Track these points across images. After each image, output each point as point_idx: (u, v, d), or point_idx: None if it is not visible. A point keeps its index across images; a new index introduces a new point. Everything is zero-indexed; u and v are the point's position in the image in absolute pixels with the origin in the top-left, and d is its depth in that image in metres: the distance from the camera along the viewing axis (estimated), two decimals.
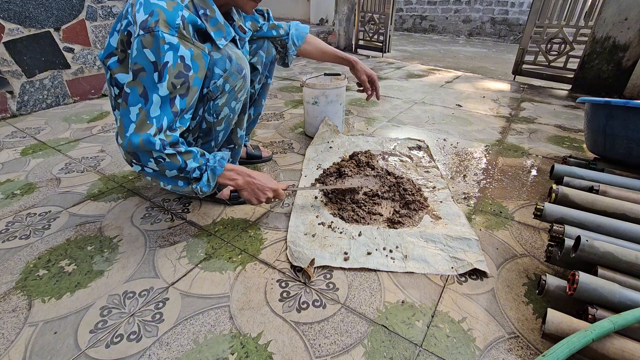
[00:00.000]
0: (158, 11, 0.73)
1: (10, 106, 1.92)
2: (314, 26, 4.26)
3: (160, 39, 0.73)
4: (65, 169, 1.38)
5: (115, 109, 0.95)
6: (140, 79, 0.75)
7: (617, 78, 2.56)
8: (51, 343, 0.71)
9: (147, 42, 0.73)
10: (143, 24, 0.73)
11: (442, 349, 0.71)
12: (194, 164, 0.84)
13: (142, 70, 0.75)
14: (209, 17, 0.84)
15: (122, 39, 0.83)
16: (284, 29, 1.22)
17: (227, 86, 0.92)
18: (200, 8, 0.82)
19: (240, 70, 0.93)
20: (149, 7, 0.73)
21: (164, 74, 0.75)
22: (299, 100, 2.34)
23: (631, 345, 0.61)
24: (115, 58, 0.87)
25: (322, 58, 1.33)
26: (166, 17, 0.74)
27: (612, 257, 0.74)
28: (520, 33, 6.19)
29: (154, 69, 0.75)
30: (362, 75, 1.34)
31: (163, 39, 0.73)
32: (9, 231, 1.03)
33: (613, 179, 1.13)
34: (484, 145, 1.69)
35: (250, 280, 0.87)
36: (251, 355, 0.69)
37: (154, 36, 0.72)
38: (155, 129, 0.77)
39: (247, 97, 1.07)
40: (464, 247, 0.97)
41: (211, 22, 0.85)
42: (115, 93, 0.91)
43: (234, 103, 0.98)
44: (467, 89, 2.76)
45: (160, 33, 0.72)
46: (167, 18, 0.74)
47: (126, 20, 0.81)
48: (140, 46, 0.73)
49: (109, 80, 0.91)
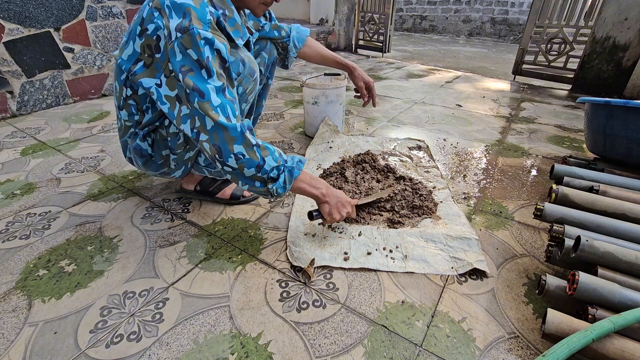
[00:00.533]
0: (188, 10, 0.74)
1: (10, 106, 1.92)
2: (314, 26, 4.26)
3: (196, 35, 0.73)
4: (65, 169, 1.38)
5: (122, 109, 0.93)
6: (190, 77, 0.75)
7: (617, 78, 2.57)
8: (51, 343, 0.71)
9: (187, 42, 0.73)
10: (178, 26, 0.73)
11: (442, 349, 0.71)
12: (272, 162, 0.82)
13: (190, 71, 0.75)
14: (228, 17, 0.84)
15: (148, 44, 0.81)
16: (285, 30, 1.23)
17: (239, 89, 0.92)
18: (220, 8, 0.82)
19: (252, 74, 0.94)
20: (179, 9, 0.74)
21: (211, 69, 0.76)
22: (299, 100, 2.34)
23: (631, 345, 0.61)
24: (141, 63, 0.84)
25: (322, 62, 1.34)
26: (197, 14, 0.74)
27: (612, 257, 0.74)
28: (520, 33, 6.19)
29: (199, 67, 0.75)
30: (360, 82, 1.35)
31: (199, 34, 0.74)
32: (9, 231, 1.03)
33: (613, 179, 1.13)
34: (484, 145, 1.69)
35: (250, 280, 0.87)
36: (251, 355, 0.69)
37: (190, 34, 0.73)
38: (223, 117, 0.76)
39: (255, 99, 1.08)
40: (464, 247, 0.97)
41: (230, 22, 0.85)
42: (127, 94, 0.90)
43: (243, 105, 0.99)
44: (467, 89, 2.76)
45: (195, 30, 0.73)
46: (199, 15, 0.74)
47: (153, 25, 0.78)
48: (182, 48, 0.74)
49: (123, 81, 0.89)
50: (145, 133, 0.95)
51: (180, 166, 1.02)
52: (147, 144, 0.96)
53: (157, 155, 0.97)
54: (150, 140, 0.96)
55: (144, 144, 0.96)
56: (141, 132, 0.95)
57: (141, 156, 0.98)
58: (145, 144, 0.96)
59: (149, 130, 0.95)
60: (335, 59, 1.33)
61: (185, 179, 1.18)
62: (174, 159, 0.98)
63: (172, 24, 0.74)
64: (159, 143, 0.95)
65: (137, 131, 0.96)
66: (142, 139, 0.95)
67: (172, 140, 0.94)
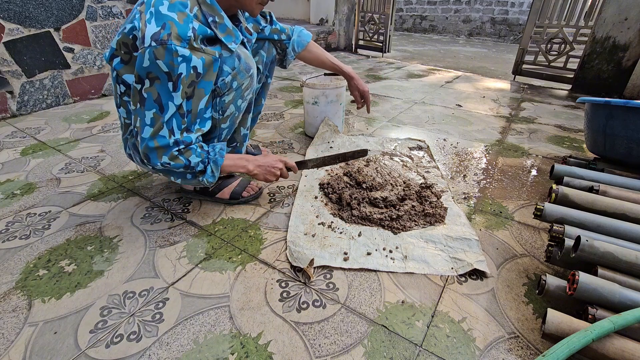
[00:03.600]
0: (170, 24, 0.74)
1: (10, 106, 1.92)
2: (314, 26, 4.26)
3: (173, 52, 0.75)
4: (65, 169, 1.38)
5: (120, 106, 0.96)
6: (156, 86, 0.79)
7: (617, 78, 2.56)
8: (51, 343, 0.71)
9: (160, 54, 0.74)
10: (155, 35, 0.74)
11: (442, 349, 0.71)
12: (196, 159, 0.89)
13: (157, 79, 0.78)
14: (218, 24, 0.85)
15: (124, 41, 0.84)
16: (286, 33, 1.23)
17: (234, 84, 0.93)
18: (209, 15, 0.83)
19: (248, 69, 0.95)
20: (160, 19, 0.74)
21: (178, 84, 0.79)
22: (299, 100, 2.34)
23: (631, 345, 0.61)
24: (118, 59, 0.87)
25: (321, 67, 1.37)
26: (178, 30, 0.75)
27: (612, 257, 0.74)
28: (520, 33, 6.19)
29: (167, 79, 0.77)
30: (355, 92, 1.39)
31: (176, 51, 0.75)
32: (9, 231, 1.03)
33: (613, 179, 1.13)
34: (484, 145, 1.69)
35: (250, 280, 0.87)
36: (251, 355, 0.69)
37: (167, 49, 0.74)
38: (167, 132, 0.83)
39: (253, 97, 1.09)
40: (464, 248, 0.97)
41: (220, 29, 0.86)
42: (121, 90, 0.92)
43: (240, 101, 0.99)
44: (467, 89, 2.76)
45: (173, 46, 0.74)
46: (179, 31, 0.75)
47: (131, 24, 0.81)
48: (152, 57, 0.75)
49: (115, 78, 0.91)
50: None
51: None
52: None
53: None
54: None
55: None
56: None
57: (138, 152, 0.98)
58: None
59: None
60: (334, 65, 1.35)
61: None
62: None
63: (148, 30, 0.75)
64: None
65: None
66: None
67: None
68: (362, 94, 1.39)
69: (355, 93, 1.39)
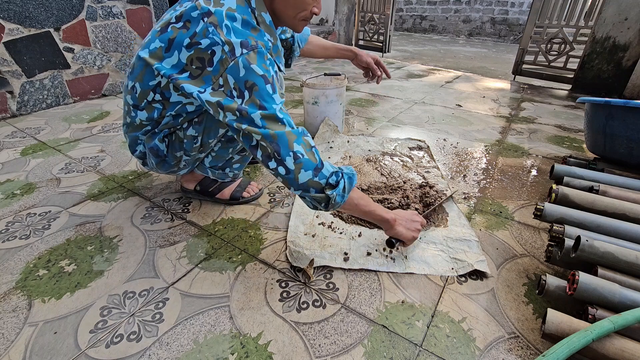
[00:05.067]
0: (250, 38, 0.77)
1: (10, 106, 1.92)
2: (314, 26, 4.26)
3: (264, 55, 0.77)
4: (65, 169, 1.38)
5: (143, 109, 0.91)
6: (255, 94, 0.75)
7: (617, 78, 2.56)
8: (51, 343, 0.71)
9: (252, 59, 0.75)
10: (244, 44, 0.75)
11: (442, 349, 0.71)
12: (330, 168, 0.79)
13: (255, 85, 0.75)
14: (273, 45, 0.87)
15: (199, 57, 0.79)
16: (289, 31, 1.24)
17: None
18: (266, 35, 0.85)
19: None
20: (241, 34, 0.76)
21: (275, 86, 0.78)
22: (299, 100, 2.34)
23: (631, 345, 0.61)
24: (187, 74, 0.82)
25: (325, 54, 1.37)
26: (260, 38, 0.79)
27: (612, 257, 0.74)
28: (520, 33, 6.19)
29: (265, 82, 0.76)
30: (367, 59, 1.31)
31: (266, 54, 0.77)
32: (9, 231, 1.03)
33: (613, 179, 1.13)
34: (484, 145, 1.69)
35: (250, 280, 0.87)
36: (251, 355, 0.69)
37: (258, 52, 0.76)
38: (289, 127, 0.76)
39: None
40: (464, 248, 0.97)
41: (274, 49, 0.88)
42: (155, 98, 0.88)
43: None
44: (467, 89, 2.76)
45: (263, 50, 0.77)
46: (263, 39, 0.79)
47: (208, 40, 0.76)
48: (247, 63, 0.74)
49: (153, 86, 0.87)
50: (165, 134, 0.96)
51: (188, 166, 1.04)
52: (164, 145, 0.97)
53: (171, 156, 0.98)
54: (167, 141, 0.97)
55: (161, 145, 0.96)
56: (161, 133, 0.96)
57: (157, 156, 0.98)
58: (163, 144, 0.97)
59: (169, 132, 0.96)
60: (336, 48, 1.35)
61: (186, 177, 1.18)
62: (185, 159, 0.99)
63: (234, 40, 0.75)
64: (175, 144, 0.96)
65: (156, 131, 0.96)
66: (160, 140, 0.96)
67: (188, 142, 0.94)
68: (375, 60, 1.33)
69: (369, 60, 1.31)
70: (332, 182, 0.77)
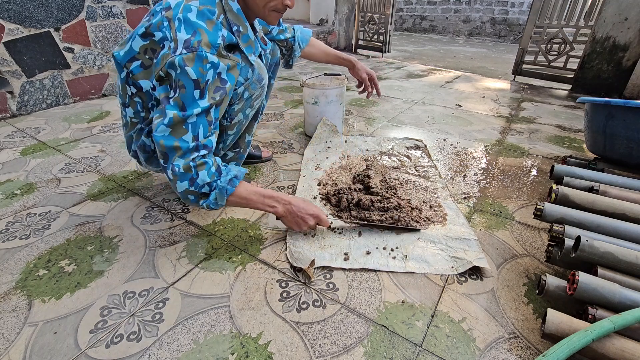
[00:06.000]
0: (200, 31, 0.75)
1: (10, 106, 1.92)
2: (314, 26, 4.26)
3: (203, 59, 0.75)
4: (65, 169, 1.38)
5: (128, 106, 0.95)
6: (181, 95, 0.77)
7: (617, 78, 2.56)
8: (51, 343, 0.71)
9: (189, 61, 0.74)
10: (186, 43, 0.74)
11: (442, 349, 0.71)
12: (206, 177, 0.81)
13: (183, 87, 0.76)
14: (242, 34, 0.85)
15: (151, 47, 0.84)
16: (289, 32, 1.25)
17: (245, 94, 0.93)
18: (234, 24, 0.83)
19: (260, 80, 0.95)
20: (191, 27, 0.75)
21: (205, 91, 0.78)
22: (299, 100, 2.34)
23: (631, 345, 0.61)
24: (138, 62, 0.87)
25: (324, 59, 1.37)
26: (209, 37, 0.76)
27: (612, 257, 0.74)
28: (520, 33, 6.19)
29: (194, 86, 0.76)
30: (363, 74, 1.37)
31: (206, 58, 0.75)
32: (9, 231, 1.03)
33: (613, 179, 1.13)
34: (484, 145, 1.69)
35: (250, 280, 0.87)
36: (251, 355, 0.69)
37: (197, 55, 0.74)
38: (191, 136, 0.79)
39: (261, 105, 1.09)
40: (463, 247, 0.97)
41: (243, 39, 0.86)
42: (132, 92, 0.91)
43: (248, 110, 0.99)
44: (467, 89, 2.76)
45: (203, 53, 0.75)
46: (210, 39, 0.76)
47: (161, 33, 0.80)
48: (182, 64, 0.74)
49: (124, 78, 0.90)
50: (150, 129, 0.96)
51: None
52: (150, 140, 0.97)
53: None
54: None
55: (147, 140, 0.97)
56: (147, 128, 0.96)
57: (144, 152, 0.99)
58: (149, 139, 0.97)
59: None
60: (336, 55, 1.37)
61: None
62: None
63: (180, 36, 0.75)
64: None
65: (143, 127, 0.97)
66: (146, 135, 0.97)
67: None
68: (369, 76, 1.37)
69: (363, 75, 1.36)
70: (205, 191, 0.83)
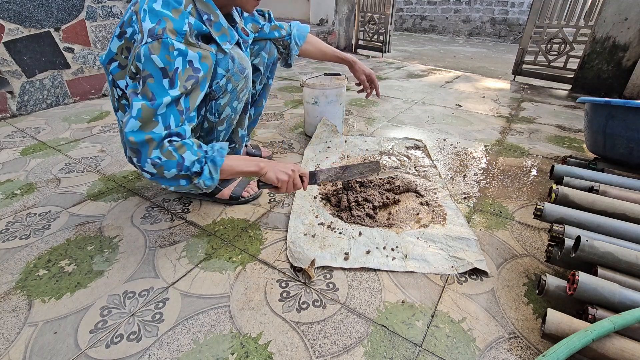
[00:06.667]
0: (165, 19, 0.73)
1: (10, 106, 1.92)
2: (314, 26, 4.26)
3: (169, 46, 0.73)
4: (65, 169, 1.38)
5: (118, 110, 0.95)
6: (148, 85, 0.74)
7: (617, 78, 2.56)
8: (51, 343, 0.71)
9: (155, 49, 0.73)
10: (151, 31, 0.73)
11: (442, 349, 0.71)
12: (192, 156, 0.79)
13: (150, 77, 0.74)
14: (213, 22, 0.84)
15: (126, 46, 0.84)
16: (285, 29, 1.23)
17: (229, 86, 0.92)
18: (204, 13, 0.82)
19: (242, 70, 0.94)
20: (155, 16, 0.74)
21: (175, 80, 0.75)
22: (299, 100, 2.34)
23: (631, 345, 0.61)
24: (116, 63, 0.87)
25: (322, 58, 1.36)
26: (173, 24, 0.74)
27: (612, 257, 0.74)
28: (520, 33, 6.19)
29: (162, 75, 0.74)
30: (361, 75, 1.36)
31: (172, 45, 0.73)
32: (9, 231, 1.03)
33: (613, 179, 1.13)
34: (484, 145, 1.69)
35: (250, 280, 0.87)
36: (251, 355, 0.69)
37: (162, 43, 0.73)
38: (162, 127, 0.75)
39: (249, 97, 1.08)
40: (463, 247, 0.97)
41: (215, 27, 0.85)
42: (118, 94, 0.92)
43: (235, 103, 0.98)
44: (467, 89, 2.76)
45: (169, 40, 0.73)
46: (175, 25, 0.74)
47: (131, 28, 0.80)
48: (148, 53, 0.73)
49: (111, 82, 0.91)
50: None
51: None
52: None
53: None
54: None
55: None
56: None
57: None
58: None
59: None
60: (335, 54, 1.35)
61: None
62: None
63: (144, 26, 0.74)
64: None
65: None
66: None
67: None
68: (369, 77, 1.36)
69: (362, 77, 1.36)
70: (196, 170, 0.80)
